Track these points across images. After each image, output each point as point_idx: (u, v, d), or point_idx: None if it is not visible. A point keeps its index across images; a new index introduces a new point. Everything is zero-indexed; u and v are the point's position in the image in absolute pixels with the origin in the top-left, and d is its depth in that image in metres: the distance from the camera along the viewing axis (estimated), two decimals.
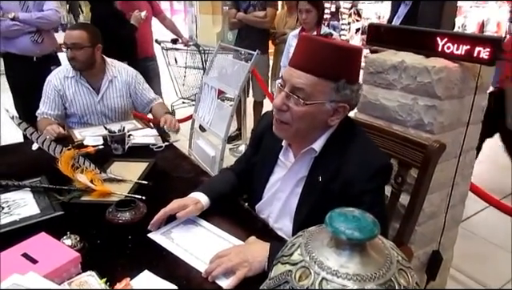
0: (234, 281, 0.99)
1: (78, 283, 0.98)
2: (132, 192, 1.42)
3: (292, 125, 1.10)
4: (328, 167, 1.12)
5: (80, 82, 2.17)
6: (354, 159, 1.09)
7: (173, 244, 1.14)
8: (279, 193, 1.24)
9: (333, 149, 1.12)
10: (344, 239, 0.38)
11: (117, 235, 1.19)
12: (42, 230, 1.10)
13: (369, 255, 0.39)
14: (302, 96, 1.05)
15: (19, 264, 0.95)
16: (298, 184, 1.19)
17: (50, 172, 1.53)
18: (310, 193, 1.15)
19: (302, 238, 0.43)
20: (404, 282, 0.38)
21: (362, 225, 0.39)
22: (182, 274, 1.05)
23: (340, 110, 1.09)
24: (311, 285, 0.37)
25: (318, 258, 0.39)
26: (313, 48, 1.05)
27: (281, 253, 0.44)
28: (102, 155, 1.74)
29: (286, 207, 1.23)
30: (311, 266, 0.39)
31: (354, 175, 1.06)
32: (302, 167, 1.18)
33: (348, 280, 0.37)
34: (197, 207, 1.24)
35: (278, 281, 0.41)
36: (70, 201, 1.35)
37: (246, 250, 1.06)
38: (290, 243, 0.44)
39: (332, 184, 1.10)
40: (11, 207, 1.32)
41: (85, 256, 1.03)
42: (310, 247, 0.41)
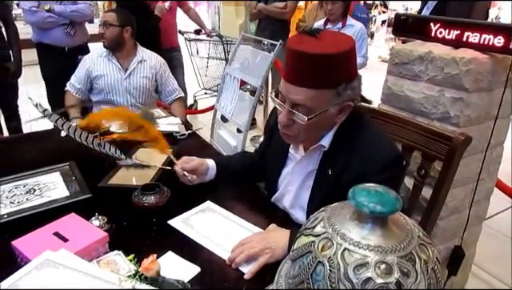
0: (255, 268, 1.01)
1: (105, 261, 1.02)
2: (157, 178, 1.46)
3: (299, 135, 1.10)
4: (337, 161, 1.11)
5: (111, 61, 2.32)
6: (363, 152, 1.07)
7: (193, 231, 1.17)
8: (289, 186, 1.25)
9: (341, 142, 1.11)
10: (366, 213, 0.39)
11: (142, 217, 1.23)
12: (71, 211, 1.14)
13: (390, 229, 0.40)
14: (303, 111, 1.02)
15: (51, 242, 1.00)
16: (307, 177, 1.19)
17: (79, 157, 1.59)
18: (321, 186, 1.15)
19: (324, 212, 0.44)
20: (425, 256, 0.39)
21: (384, 199, 0.40)
22: (204, 257, 1.07)
23: (345, 108, 1.07)
24: (333, 255, 0.39)
25: (340, 230, 0.40)
26: (304, 62, 0.98)
27: (304, 226, 0.45)
28: (127, 142, 1.78)
29: (297, 199, 1.24)
30: (334, 237, 0.40)
31: (364, 168, 1.04)
32: (311, 160, 1.18)
33: (369, 251, 0.38)
34: (201, 162, 1.34)
35: (301, 251, 0.42)
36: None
37: (267, 237, 1.08)
38: (312, 218, 0.45)
39: (343, 178, 1.09)
40: (42, 189, 1.38)
41: (112, 237, 1.07)
42: (333, 220, 0.42)
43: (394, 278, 0.37)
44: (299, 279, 0.42)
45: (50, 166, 1.53)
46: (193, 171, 1.33)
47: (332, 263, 0.39)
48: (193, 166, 1.31)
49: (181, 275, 0.96)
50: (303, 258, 0.42)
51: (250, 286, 0.96)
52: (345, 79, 1.01)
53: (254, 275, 1.00)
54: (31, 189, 1.37)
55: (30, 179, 1.44)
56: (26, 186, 1.40)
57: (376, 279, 0.37)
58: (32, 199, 1.31)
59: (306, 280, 0.40)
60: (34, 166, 1.52)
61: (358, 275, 0.37)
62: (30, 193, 1.35)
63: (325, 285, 0.38)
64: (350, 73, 1.03)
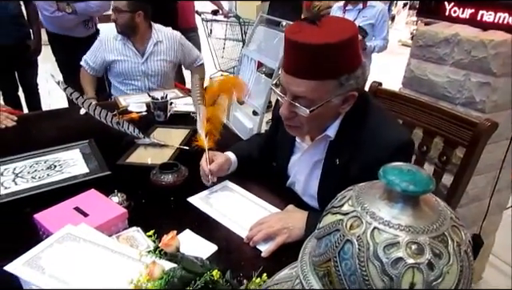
0: (272, 247, 1.01)
1: (125, 237, 1.03)
2: (174, 157, 1.47)
3: (303, 127, 1.07)
4: (344, 150, 1.08)
5: (127, 45, 2.28)
6: (371, 139, 1.03)
7: (212, 209, 1.18)
8: (298, 175, 1.24)
9: (348, 131, 1.07)
10: (398, 192, 0.38)
11: (160, 196, 1.24)
12: (90, 187, 1.16)
13: (422, 210, 0.39)
14: (305, 104, 0.99)
15: (72, 216, 1.02)
16: (315, 167, 1.17)
17: (97, 135, 1.61)
18: (330, 176, 1.13)
19: (352, 191, 0.43)
20: (457, 238, 0.38)
21: (416, 179, 0.38)
22: (221, 236, 1.08)
23: (349, 98, 1.02)
24: (362, 233, 0.37)
25: (369, 209, 0.39)
26: (304, 53, 0.94)
27: (330, 205, 0.44)
28: (145, 122, 1.79)
29: (306, 188, 1.22)
30: (363, 216, 0.39)
31: (372, 156, 1.00)
32: (317, 150, 1.15)
33: (400, 231, 0.37)
34: (226, 159, 1.29)
35: (328, 230, 0.41)
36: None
37: (286, 217, 1.08)
38: (339, 196, 0.44)
39: (351, 167, 1.06)
40: (62, 165, 1.40)
41: (130, 214, 1.08)
42: (362, 199, 0.41)
43: (425, 259, 0.36)
44: (325, 257, 0.41)
45: (70, 143, 1.55)
46: (218, 171, 1.27)
47: (361, 241, 0.38)
48: (218, 164, 1.25)
49: (198, 253, 0.96)
50: (330, 236, 0.41)
51: (267, 265, 0.96)
52: (347, 69, 0.96)
53: (270, 254, 1.01)
54: (52, 165, 1.40)
55: (51, 156, 1.46)
56: (46, 162, 1.42)
57: (407, 259, 0.36)
58: (52, 175, 1.33)
59: (333, 258, 0.40)
60: (54, 142, 1.55)
61: (388, 255, 0.36)
62: (51, 169, 1.37)
63: (353, 264, 0.38)
64: (352, 62, 0.97)
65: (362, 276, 0.37)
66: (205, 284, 0.71)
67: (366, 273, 0.37)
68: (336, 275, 0.39)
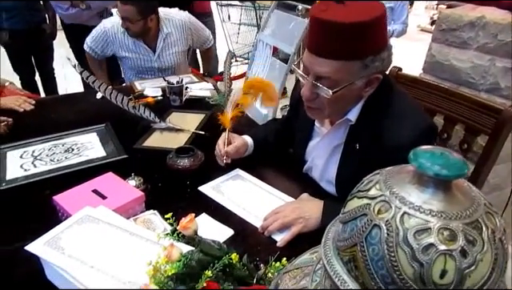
0: (288, 236, 1.01)
1: (142, 219, 1.04)
2: (190, 142, 1.47)
3: (324, 110, 1.04)
4: (365, 135, 1.05)
5: (137, 44, 2.18)
6: (393, 124, 1.00)
7: (224, 198, 1.17)
8: (316, 160, 1.22)
9: (369, 116, 1.04)
10: (430, 176, 0.36)
11: (176, 180, 1.24)
12: (107, 170, 1.16)
13: (454, 195, 0.37)
14: (328, 85, 0.96)
15: (90, 199, 1.03)
16: (334, 152, 1.15)
17: (114, 119, 1.62)
18: (349, 161, 1.10)
19: (379, 175, 0.42)
20: (492, 225, 0.36)
21: (450, 162, 0.37)
22: (237, 220, 1.08)
23: (373, 81, 0.99)
24: (391, 218, 0.36)
25: (399, 193, 0.38)
26: (329, 32, 0.91)
27: (356, 189, 0.43)
28: (160, 106, 1.80)
29: (324, 173, 1.20)
30: (392, 200, 0.37)
31: (393, 141, 0.98)
32: (337, 134, 1.13)
33: (432, 216, 0.35)
34: (243, 142, 1.29)
35: (354, 214, 0.40)
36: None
37: (301, 206, 1.07)
38: (366, 180, 0.43)
39: (371, 152, 1.03)
40: (80, 149, 1.41)
41: (147, 197, 1.09)
42: (390, 183, 0.39)
43: (458, 245, 0.34)
44: (351, 241, 0.40)
45: (87, 126, 1.56)
46: (234, 153, 1.27)
47: (390, 226, 0.36)
48: (235, 147, 1.25)
49: (215, 237, 0.96)
50: (356, 221, 0.40)
51: (283, 251, 0.96)
52: (373, 50, 0.93)
53: (286, 243, 1.00)
54: (69, 148, 1.41)
55: (68, 139, 1.47)
56: (64, 145, 1.43)
57: (439, 245, 0.34)
58: (70, 158, 1.35)
59: (359, 243, 0.38)
60: (71, 126, 1.56)
61: (418, 241, 0.35)
62: (69, 152, 1.39)
63: (380, 249, 0.36)
64: (378, 43, 0.94)
65: (391, 262, 0.36)
66: (222, 268, 0.71)
67: (394, 259, 0.36)
68: (362, 261, 0.38)
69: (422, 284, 0.35)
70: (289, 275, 0.53)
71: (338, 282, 0.40)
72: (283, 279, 0.53)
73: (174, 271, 0.67)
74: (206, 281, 0.64)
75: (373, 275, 0.37)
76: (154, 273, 0.68)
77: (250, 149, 1.33)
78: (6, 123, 1.54)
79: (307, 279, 0.49)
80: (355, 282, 0.40)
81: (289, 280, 0.52)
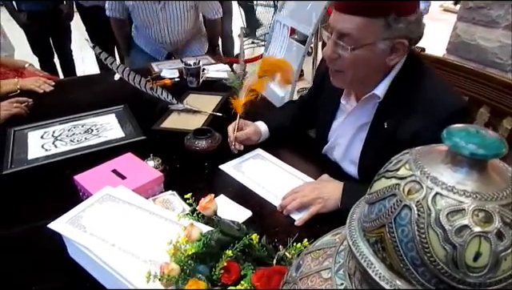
0: (306, 216, 1.00)
1: (161, 200, 1.05)
2: (207, 123, 1.46)
3: (346, 72, 1.01)
4: (394, 114, 1.02)
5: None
6: (423, 104, 0.98)
7: (244, 177, 1.17)
8: (340, 139, 1.20)
9: (399, 93, 1.01)
10: (465, 155, 0.35)
11: (194, 161, 1.24)
12: (126, 151, 1.17)
13: (489, 175, 0.36)
14: (349, 42, 0.95)
15: (110, 178, 1.04)
16: (360, 130, 1.12)
17: (132, 100, 1.62)
18: (375, 141, 1.08)
19: (409, 155, 0.40)
20: None
21: (486, 141, 0.35)
22: (255, 202, 1.08)
23: (398, 48, 0.96)
24: (423, 199, 0.35)
25: (430, 173, 0.36)
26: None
27: (384, 169, 0.41)
28: (177, 88, 1.79)
29: (347, 153, 1.18)
30: (423, 180, 0.36)
31: (424, 120, 0.95)
32: (364, 112, 1.10)
33: (466, 197, 0.34)
34: (255, 130, 1.27)
35: (382, 194, 0.39)
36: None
37: (320, 187, 1.06)
38: (394, 160, 0.41)
39: (400, 132, 1.00)
40: (99, 129, 1.43)
41: (166, 178, 1.09)
42: (421, 163, 0.38)
43: (494, 227, 0.33)
44: (379, 222, 0.39)
45: (105, 108, 1.57)
46: (245, 139, 1.26)
47: (421, 207, 0.35)
48: (245, 134, 1.25)
49: (233, 218, 0.96)
50: (385, 201, 0.38)
51: (301, 232, 0.95)
52: (397, 8, 0.91)
53: (304, 222, 1.00)
54: (89, 129, 1.42)
55: (88, 120, 1.49)
56: (84, 126, 1.45)
57: (473, 227, 0.33)
58: (90, 139, 1.36)
59: (387, 224, 0.37)
60: (90, 107, 1.57)
61: (451, 222, 0.33)
62: (88, 133, 1.40)
63: (411, 230, 0.35)
64: (403, 4, 0.92)
65: (421, 244, 0.35)
66: (242, 248, 0.71)
67: (425, 240, 0.34)
68: (390, 242, 0.37)
69: (454, 267, 0.34)
70: (311, 256, 0.52)
71: (365, 263, 0.39)
72: (305, 259, 0.53)
73: (194, 250, 0.68)
74: (227, 261, 0.64)
75: (401, 256, 0.36)
76: (174, 252, 0.69)
77: (265, 136, 1.31)
78: (27, 104, 1.57)
79: (330, 260, 0.49)
80: (382, 263, 0.39)
81: (311, 261, 0.51)
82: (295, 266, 0.54)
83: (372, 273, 0.38)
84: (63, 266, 0.87)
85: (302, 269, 0.51)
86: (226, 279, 0.63)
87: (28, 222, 0.99)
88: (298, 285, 0.49)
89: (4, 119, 1.46)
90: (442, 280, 0.35)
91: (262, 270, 0.63)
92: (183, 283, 0.65)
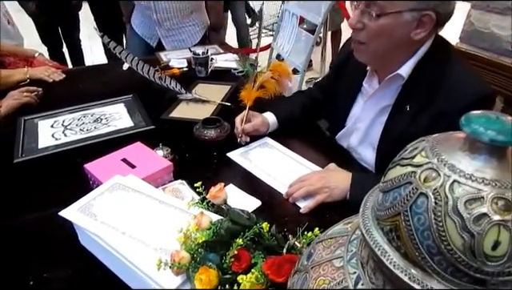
0: (311, 204, 1.00)
1: (170, 189, 1.05)
2: (216, 113, 1.46)
3: (369, 44, 0.99)
4: (418, 96, 1.00)
5: None
6: (448, 87, 0.96)
7: (251, 165, 1.17)
8: (359, 123, 1.18)
9: (424, 75, 1.00)
10: (483, 142, 0.34)
11: (203, 150, 1.24)
12: (135, 141, 1.17)
13: (509, 163, 0.35)
14: (375, 10, 0.93)
15: (120, 167, 1.04)
16: (381, 113, 1.11)
17: (141, 90, 1.62)
18: (396, 123, 1.06)
19: (425, 142, 0.39)
20: None
21: (505, 128, 0.34)
22: (264, 191, 1.07)
23: (425, 21, 0.93)
24: (440, 187, 0.34)
25: (448, 160, 0.35)
26: None
27: (399, 157, 0.41)
28: (186, 77, 1.78)
29: (367, 136, 1.17)
30: (440, 168, 0.35)
31: (449, 104, 0.94)
32: (386, 94, 1.08)
33: (485, 185, 0.33)
34: (263, 121, 1.26)
35: (397, 182, 0.38)
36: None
37: (327, 176, 1.05)
38: (409, 147, 0.40)
39: (422, 115, 0.99)
40: (108, 119, 1.43)
41: (175, 167, 1.09)
42: (438, 150, 0.37)
43: None
44: (393, 211, 0.38)
45: (114, 97, 1.57)
46: (253, 131, 1.25)
47: (438, 195, 0.34)
48: (253, 126, 1.23)
49: (242, 208, 0.96)
50: (400, 189, 0.38)
51: (310, 222, 0.95)
52: None
53: (313, 211, 1.00)
54: (98, 118, 1.43)
55: (97, 109, 1.49)
56: (93, 115, 1.45)
57: (492, 215, 0.32)
58: (99, 128, 1.37)
59: (403, 213, 0.37)
60: (99, 97, 1.58)
61: (469, 211, 0.33)
62: (98, 122, 1.40)
63: (427, 219, 0.35)
64: None
65: (438, 232, 0.34)
66: (252, 237, 0.70)
67: (442, 229, 0.34)
68: (406, 231, 0.36)
69: (471, 256, 0.33)
70: (322, 245, 0.52)
71: (379, 252, 0.39)
72: (316, 248, 0.52)
73: (204, 238, 0.68)
74: (237, 249, 0.64)
75: (417, 245, 0.36)
76: (184, 240, 0.69)
77: (273, 127, 1.30)
78: (37, 93, 1.57)
79: (342, 249, 0.48)
80: (396, 252, 0.38)
81: (322, 250, 0.51)
82: (306, 254, 0.53)
83: (386, 262, 0.38)
84: (74, 254, 0.87)
85: (313, 258, 0.51)
86: (236, 268, 0.63)
87: (39, 210, 1.00)
88: (309, 273, 0.49)
89: (14, 108, 1.47)
90: (458, 269, 0.34)
91: (273, 258, 0.63)
92: (194, 270, 0.65)
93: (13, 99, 1.48)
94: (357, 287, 0.42)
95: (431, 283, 0.35)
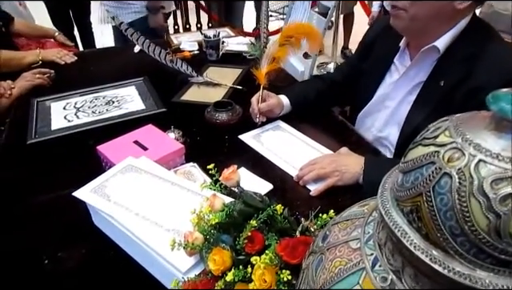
0: (321, 187, 1.00)
1: (182, 171, 1.05)
2: (227, 96, 1.45)
3: (409, 10, 0.96)
4: (454, 71, 0.97)
5: None
6: (487, 63, 0.93)
7: (263, 148, 1.17)
8: (388, 101, 1.16)
9: (461, 49, 0.96)
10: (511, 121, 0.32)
11: (214, 133, 1.24)
12: (147, 123, 1.17)
13: None
14: None
15: (132, 149, 1.04)
16: (412, 91, 1.08)
17: (152, 73, 1.61)
18: (427, 100, 1.03)
19: (448, 122, 0.38)
20: None
21: None
22: (276, 175, 1.07)
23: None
24: (465, 166, 0.33)
25: (473, 140, 0.34)
26: None
27: (420, 136, 0.40)
28: (197, 60, 1.77)
29: (394, 115, 1.15)
30: (465, 147, 0.34)
31: (484, 81, 0.91)
32: (420, 70, 1.05)
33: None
34: (278, 102, 1.25)
35: (419, 162, 0.37)
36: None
37: (338, 160, 1.04)
38: (432, 127, 0.39)
39: (456, 91, 0.96)
40: (120, 101, 1.43)
41: (186, 150, 1.09)
42: (462, 129, 0.36)
43: None
44: (414, 191, 0.37)
45: (126, 80, 1.57)
46: (268, 111, 1.24)
47: (462, 175, 0.33)
48: (268, 105, 1.22)
49: (254, 191, 0.96)
50: (422, 169, 0.37)
51: (323, 206, 0.94)
52: None
53: (325, 195, 0.99)
54: (110, 101, 1.43)
55: (109, 92, 1.49)
56: (105, 97, 1.45)
57: None
58: (111, 110, 1.37)
59: (425, 193, 0.36)
60: (110, 79, 1.58)
61: (495, 191, 0.32)
62: (109, 104, 1.40)
63: (450, 199, 0.34)
64: None
65: (462, 213, 0.33)
66: (264, 219, 0.70)
67: (466, 209, 0.33)
68: (428, 211, 0.35)
69: (496, 236, 0.32)
70: (338, 227, 0.51)
71: (398, 233, 0.38)
72: (332, 230, 0.52)
73: (217, 220, 0.67)
74: (251, 231, 0.63)
75: (439, 226, 0.35)
76: (198, 221, 0.69)
77: (287, 109, 1.29)
78: (49, 75, 1.58)
79: (359, 230, 0.48)
80: (417, 233, 0.37)
81: (338, 232, 0.50)
82: (321, 236, 0.53)
83: (406, 243, 0.37)
84: (88, 234, 0.88)
85: (329, 239, 0.50)
86: (249, 249, 0.63)
87: (53, 190, 1.01)
88: (325, 255, 0.48)
89: (27, 90, 1.48)
90: (482, 250, 0.33)
91: (287, 240, 0.63)
92: (207, 251, 0.65)
93: (25, 81, 1.49)
94: (374, 268, 0.42)
95: (453, 265, 0.34)
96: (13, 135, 1.27)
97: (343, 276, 0.44)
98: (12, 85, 1.47)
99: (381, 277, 0.41)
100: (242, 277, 0.61)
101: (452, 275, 0.34)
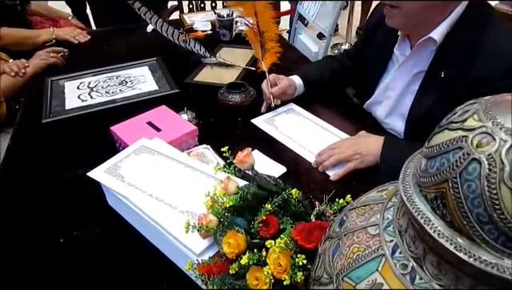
0: (342, 171, 0.98)
1: (195, 153, 1.05)
2: (240, 78, 1.43)
3: (401, 6, 0.93)
4: (454, 60, 0.94)
5: None
6: (489, 51, 0.89)
7: (276, 131, 1.15)
8: (390, 91, 1.13)
9: (460, 38, 0.93)
10: None
11: (228, 115, 1.23)
12: (160, 104, 1.16)
13: None
14: None
15: (145, 130, 1.04)
16: (413, 81, 1.05)
17: (164, 53, 1.60)
18: (429, 91, 1.00)
19: (478, 104, 0.36)
20: None
21: None
22: (290, 158, 1.06)
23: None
24: (495, 152, 0.31)
25: (504, 124, 0.33)
26: None
27: (447, 120, 0.38)
28: (210, 41, 1.75)
29: (397, 105, 1.12)
30: (495, 132, 0.32)
31: (486, 70, 0.88)
32: (419, 60, 1.02)
33: None
34: (290, 84, 1.23)
35: (445, 148, 0.35)
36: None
37: (358, 142, 1.02)
38: (459, 110, 0.37)
39: (458, 81, 0.93)
40: (133, 82, 1.42)
41: (199, 132, 1.08)
42: (492, 113, 0.34)
43: None
44: (440, 177, 0.36)
45: (139, 60, 1.56)
46: (281, 94, 1.22)
47: (492, 161, 0.32)
48: (280, 88, 1.20)
49: (268, 174, 0.95)
50: (448, 155, 0.35)
51: (338, 191, 0.93)
52: None
53: (340, 179, 0.98)
54: (123, 81, 1.42)
55: (122, 72, 1.48)
56: (118, 77, 1.45)
57: None
58: (124, 90, 1.36)
59: (451, 179, 0.34)
60: (123, 59, 1.57)
61: None
62: (123, 84, 1.40)
63: (479, 186, 0.32)
64: None
65: (491, 200, 0.32)
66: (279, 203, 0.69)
67: (496, 196, 0.31)
68: (454, 198, 0.34)
69: None
70: (356, 212, 0.50)
71: (421, 220, 0.36)
72: (349, 215, 0.51)
73: (232, 203, 0.67)
74: (265, 214, 0.63)
75: (466, 213, 0.33)
76: (212, 204, 0.68)
77: (300, 89, 1.27)
78: (63, 54, 1.57)
79: (377, 216, 0.46)
80: (441, 220, 0.36)
81: (356, 217, 0.49)
82: (338, 221, 0.52)
83: (430, 230, 0.36)
84: (102, 214, 0.89)
85: (346, 225, 0.49)
86: (264, 233, 0.62)
87: (67, 170, 1.02)
88: (342, 240, 0.47)
89: (41, 68, 1.48)
90: (511, 239, 0.32)
91: (303, 224, 0.62)
92: (221, 234, 0.65)
93: (40, 59, 1.49)
94: (394, 255, 0.41)
95: (479, 253, 0.33)
96: (27, 114, 1.28)
97: (361, 263, 0.43)
98: (26, 64, 1.48)
99: (401, 264, 0.40)
100: (257, 261, 0.60)
101: (478, 264, 0.33)
